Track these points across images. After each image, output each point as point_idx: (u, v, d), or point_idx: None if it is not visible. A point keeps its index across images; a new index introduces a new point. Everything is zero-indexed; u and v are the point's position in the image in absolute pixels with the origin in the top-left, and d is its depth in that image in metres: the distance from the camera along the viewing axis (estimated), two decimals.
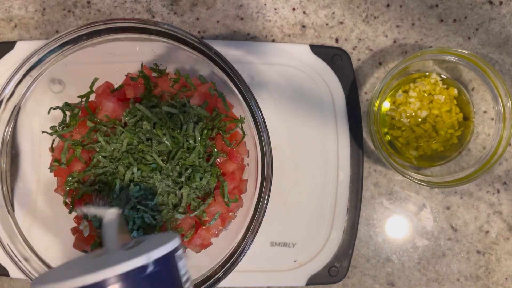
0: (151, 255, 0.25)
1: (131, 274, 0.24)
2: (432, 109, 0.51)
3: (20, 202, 0.43)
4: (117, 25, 0.40)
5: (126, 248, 0.29)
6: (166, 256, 0.26)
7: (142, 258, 0.25)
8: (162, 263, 0.26)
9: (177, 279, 0.27)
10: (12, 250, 0.40)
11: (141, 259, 0.25)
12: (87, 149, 0.43)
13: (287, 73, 0.51)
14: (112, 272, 0.24)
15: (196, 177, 0.42)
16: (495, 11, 0.53)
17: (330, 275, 0.51)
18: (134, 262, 0.24)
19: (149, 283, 0.25)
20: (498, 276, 0.54)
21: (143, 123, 0.42)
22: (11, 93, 0.41)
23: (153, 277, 0.25)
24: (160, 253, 0.26)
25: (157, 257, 0.25)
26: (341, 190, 0.51)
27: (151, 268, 0.25)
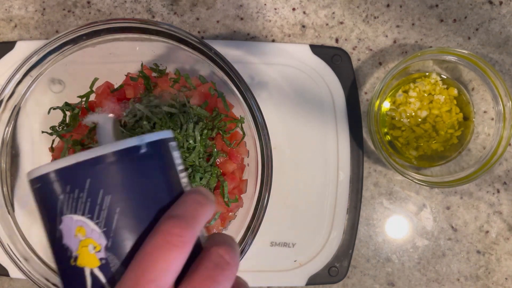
0: (144, 138, 0.25)
1: (124, 153, 0.24)
2: (432, 109, 0.51)
3: (20, 202, 0.43)
4: (117, 25, 0.40)
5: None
6: (159, 141, 0.26)
7: (134, 140, 0.25)
8: (155, 147, 0.26)
9: (172, 166, 0.26)
10: (12, 250, 0.40)
11: (134, 140, 0.25)
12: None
13: (287, 73, 0.51)
14: (105, 150, 0.24)
15: (196, 177, 0.42)
16: (495, 11, 0.53)
17: (330, 275, 0.51)
18: (126, 142, 0.25)
19: (143, 163, 0.25)
20: (498, 276, 0.54)
21: (143, 123, 0.42)
22: (11, 93, 0.41)
23: (146, 158, 0.25)
24: (153, 137, 0.26)
25: (150, 140, 0.25)
26: (341, 190, 0.51)
27: (144, 150, 0.25)
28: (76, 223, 0.24)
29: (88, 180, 0.24)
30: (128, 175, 0.24)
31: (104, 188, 0.24)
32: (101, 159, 0.24)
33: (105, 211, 0.24)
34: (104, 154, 0.24)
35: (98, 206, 0.24)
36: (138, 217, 0.24)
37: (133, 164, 0.25)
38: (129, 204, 0.24)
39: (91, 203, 0.24)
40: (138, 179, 0.25)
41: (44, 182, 0.25)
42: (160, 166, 0.26)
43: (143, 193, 0.25)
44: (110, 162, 0.24)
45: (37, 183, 0.26)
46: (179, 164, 0.27)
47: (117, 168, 0.24)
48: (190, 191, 0.26)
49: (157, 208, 0.25)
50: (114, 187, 0.24)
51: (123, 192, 0.24)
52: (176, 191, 0.26)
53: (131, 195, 0.24)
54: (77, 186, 0.24)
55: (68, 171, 0.24)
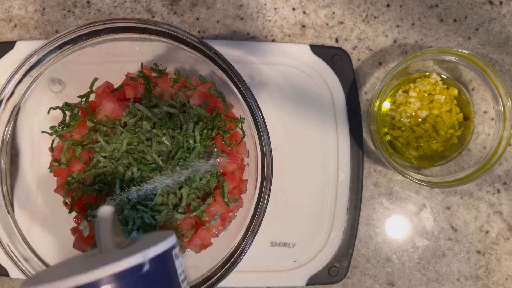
0: (147, 254, 0.24)
1: (127, 273, 0.23)
2: (432, 109, 0.51)
3: (20, 202, 0.43)
4: (117, 25, 0.40)
5: (121, 247, 0.29)
6: (163, 254, 0.25)
7: (137, 257, 0.24)
8: (159, 261, 0.25)
9: (174, 278, 0.26)
10: (12, 250, 0.40)
11: (137, 257, 0.24)
12: (87, 149, 0.43)
13: (287, 73, 0.51)
14: (107, 272, 0.23)
15: (196, 177, 0.42)
16: (495, 11, 0.53)
17: (330, 275, 0.51)
18: (129, 261, 0.24)
19: (145, 283, 0.24)
20: (498, 276, 0.54)
21: (143, 123, 0.42)
22: (11, 93, 0.41)
23: (149, 276, 0.24)
24: (156, 251, 0.25)
25: (153, 255, 0.25)
26: (341, 190, 0.51)
27: (147, 267, 0.24)
28: None
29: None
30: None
31: None
32: (102, 282, 0.23)
33: None
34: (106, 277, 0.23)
35: None
36: None
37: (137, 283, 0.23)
38: None
39: None
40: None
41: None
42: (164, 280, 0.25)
43: None
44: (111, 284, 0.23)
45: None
46: (181, 274, 0.26)
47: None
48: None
49: None
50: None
51: None
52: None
53: None
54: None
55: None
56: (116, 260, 0.23)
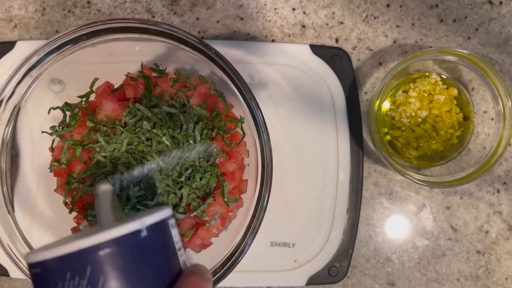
0: (145, 221, 0.26)
1: (125, 239, 0.25)
2: (432, 109, 0.51)
3: (20, 202, 0.43)
4: (117, 25, 0.40)
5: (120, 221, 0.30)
6: (160, 222, 0.27)
7: (135, 223, 0.25)
8: (156, 229, 0.26)
9: (171, 246, 0.27)
10: (12, 250, 0.40)
11: (135, 224, 0.25)
12: (87, 149, 0.43)
13: (287, 73, 0.51)
14: (106, 236, 0.24)
15: (196, 177, 0.42)
16: (495, 11, 0.53)
17: (330, 275, 0.51)
18: (127, 227, 0.25)
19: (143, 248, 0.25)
20: (498, 276, 0.54)
21: (143, 123, 0.42)
22: (11, 93, 0.41)
23: (147, 242, 0.25)
24: (153, 219, 0.26)
25: (151, 223, 0.26)
26: (341, 190, 0.51)
27: (145, 233, 0.25)
28: None
29: (88, 268, 0.24)
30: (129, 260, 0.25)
31: (104, 275, 0.24)
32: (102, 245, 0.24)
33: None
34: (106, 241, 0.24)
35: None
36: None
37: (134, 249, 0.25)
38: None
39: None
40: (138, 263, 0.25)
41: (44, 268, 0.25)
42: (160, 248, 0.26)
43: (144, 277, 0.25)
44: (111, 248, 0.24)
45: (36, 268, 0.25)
46: (177, 242, 0.28)
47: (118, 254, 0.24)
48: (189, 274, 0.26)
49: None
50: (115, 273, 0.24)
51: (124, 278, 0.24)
52: (175, 271, 0.27)
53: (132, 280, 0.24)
54: (78, 273, 0.24)
55: (69, 258, 0.24)
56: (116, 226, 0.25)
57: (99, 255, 0.24)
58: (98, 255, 0.24)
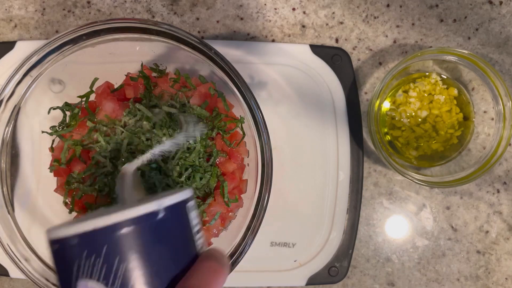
0: (162, 202, 0.26)
1: (142, 219, 0.25)
2: (432, 109, 0.51)
3: (20, 202, 0.43)
4: (117, 25, 0.40)
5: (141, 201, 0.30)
6: (177, 204, 0.26)
7: (153, 204, 0.25)
8: (173, 210, 0.26)
9: (188, 229, 0.27)
10: (12, 250, 0.40)
11: (152, 205, 0.25)
12: (87, 149, 0.43)
13: (287, 73, 0.51)
14: (123, 216, 0.24)
15: (196, 177, 0.42)
16: (495, 11, 0.53)
17: (330, 275, 0.51)
18: (144, 208, 0.25)
19: (160, 229, 0.25)
20: (498, 276, 0.54)
21: (143, 123, 0.42)
22: (11, 93, 0.41)
23: (163, 223, 0.25)
24: (171, 201, 0.26)
25: (168, 204, 0.26)
26: (341, 190, 0.51)
27: (162, 215, 0.25)
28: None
29: (105, 247, 0.24)
30: (145, 241, 0.25)
31: (120, 255, 0.24)
32: (119, 225, 0.24)
33: (120, 278, 0.24)
34: (123, 221, 0.24)
35: (113, 273, 0.24)
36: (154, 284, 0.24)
37: (151, 230, 0.25)
38: (145, 271, 0.24)
39: (107, 269, 0.24)
40: (155, 245, 0.25)
41: (63, 244, 0.25)
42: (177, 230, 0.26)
43: (159, 259, 0.25)
44: (128, 228, 0.24)
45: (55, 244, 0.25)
46: (195, 225, 0.27)
47: (135, 235, 0.24)
48: (205, 258, 0.26)
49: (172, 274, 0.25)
50: (131, 254, 0.24)
51: (139, 259, 0.24)
52: (191, 255, 0.26)
53: (147, 261, 0.24)
54: (94, 252, 0.24)
55: (87, 236, 0.24)
56: (132, 207, 0.25)
57: (115, 235, 0.24)
58: (114, 234, 0.24)
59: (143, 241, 0.25)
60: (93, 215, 0.25)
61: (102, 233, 0.24)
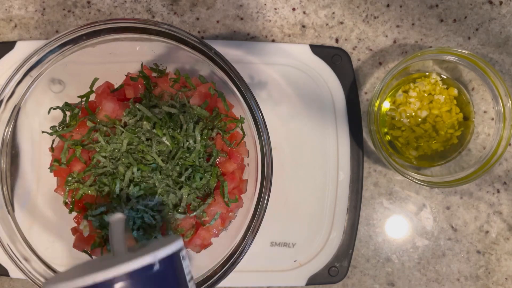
0: (157, 254, 0.26)
1: (139, 272, 0.25)
2: (432, 109, 0.51)
3: (20, 202, 0.43)
4: (117, 25, 0.40)
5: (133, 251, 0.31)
6: (171, 255, 0.27)
7: (148, 257, 0.26)
8: (168, 262, 0.27)
9: (181, 278, 0.28)
10: (12, 250, 0.40)
11: (148, 258, 0.26)
12: (87, 149, 0.43)
13: (287, 73, 0.51)
14: (121, 270, 0.25)
15: (196, 177, 0.42)
16: (495, 11, 0.53)
17: (330, 275, 0.51)
18: (141, 261, 0.26)
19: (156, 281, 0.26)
20: (498, 276, 0.54)
21: (143, 123, 0.42)
22: (11, 93, 0.41)
23: (159, 275, 0.26)
24: (165, 252, 0.27)
25: (163, 256, 0.27)
26: (341, 190, 0.51)
27: (157, 267, 0.26)
28: None
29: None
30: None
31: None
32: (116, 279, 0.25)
33: None
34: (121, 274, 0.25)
35: None
36: None
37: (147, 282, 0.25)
38: None
39: None
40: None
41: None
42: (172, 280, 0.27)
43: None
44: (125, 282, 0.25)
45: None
46: (188, 273, 0.28)
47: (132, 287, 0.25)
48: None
49: None
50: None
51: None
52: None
53: None
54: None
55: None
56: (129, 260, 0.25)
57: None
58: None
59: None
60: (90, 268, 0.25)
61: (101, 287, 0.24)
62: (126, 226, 0.32)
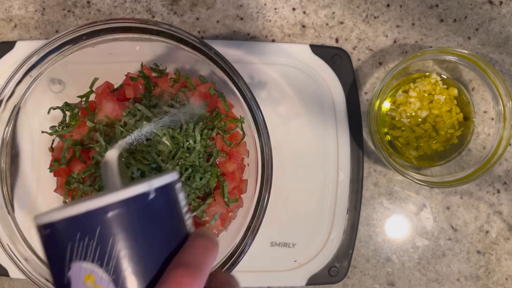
0: (153, 183, 0.26)
1: (134, 200, 0.25)
2: (432, 109, 0.51)
3: (20, 202, 0.43)
4: (117, 25, 0.40)
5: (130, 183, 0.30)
6: (167, 185, 0.27)
7: (144, 185, 0.25)
8: (163, 191, 0.26)
9: (178, 209, 0.27)
10: (12, 250, 0.40)
11: (143, 186, 0.25)
12: (87, 149, 0.43)
13: (287, 73, 0.51)
14: (116, 197, 0.24)
15: (196, 177, 0.42)
16: (495, 11, 0.53)
17: (330, 275, 0.51)
18: (136, 189, 0.25)
19: (151, 210, 0.25)
20: (498, 276, 0.54)
21: (143, 123, 0.42)
22: (11, 93, 0.41)
23: (154, 204, 0.26)
24: (161, 182, 0.26)
25: (159, 185, 0.26)
26: (341, 190, 0.51)
27: (153, 195, 0.26)
28: (85, 271, 0.24)
29: (98, 228, 0.24)
30: (137, 221, 0.25)
31: (114, 235, 0.24)
32: (112, 206, 0.24)
33: (114, 258, 0.24)
34: (116, 202, 0.24)
35: (107, 254, 0.24)
36: (147, 263, 0.24)
37: (142, 210, 0.25)
38: (138, 250, 0.24)
39: (101, 250, 0.24)
40: (146, 225, 0.25)
41: (54, 229, 0.25)
42: (168, 210, 0.27)
43: (152, 239, 0.25)
44: (121, 209, 0.24)
45: (46, 230, 0.25)
46: (184, 206, 0.28)
47: (127, 215, 0.25)
48: (196, 236, 0.27)
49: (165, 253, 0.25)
50: (124, 234, 0.24)
51: (132, 239, 0.24)
52: (182, 234, 0.27)
53: (140, 241, 0.25)
54: (87, 234, 0.24)
55: (79, 219, 0.24)
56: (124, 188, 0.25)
57: (108, 216, 0.24)
58: (107, 216, 0.24)
59: (135, 221, 0.25)
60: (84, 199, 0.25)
61: (95, 215, 0.24)
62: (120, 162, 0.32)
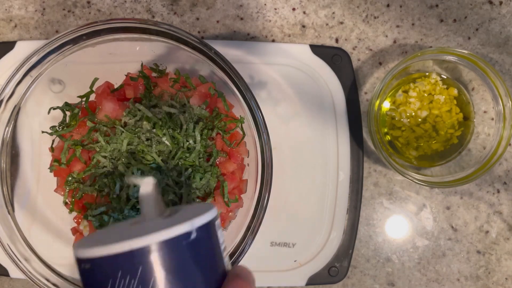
0: (194, 223, 0.26)
1: (176, 240, 0.25)
2: (432, 109, 0.51)
3: (20, 202, 0.43)
4: (117, 25, 0.40)
5: (164, 216, 0.30)
6: (208, 224, 0.27)
7: (186, 225, 0.25)
8: (204, 230, 0.26)
9: (217, 247, 0.27)
10: (12, 250, 0.40)
11: (185, 225, 0.25)
12: (87, 149, 0.43)
13: (287, 73, 0.51)
14: (158, 237, 0.24)
15: (196, 177, 0.42)
16: (495, 11, 0.53)
17: (330, 275, 0.51)
18: (179, 229, 0.25)
19: (192, 250, 0.25)
20: (498, 276, 0.54)
21: (143, 123, 0.42)
22: (11, 93, 0.41)
23: (196, 243, 0.25)
24: (202, 220, 0.26)
25: (200, 224, 0.26)
26: (341, 190, 0.51)
27: (194, 235, 0.25)
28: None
29: (140, 267, 0.24)
30: (179, 261, 0.25)
31: (155, 275, 0.24)
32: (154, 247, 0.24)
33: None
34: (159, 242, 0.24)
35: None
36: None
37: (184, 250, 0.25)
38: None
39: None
40: (188, 265, 0.25)
41: (95, 264, 0.25)
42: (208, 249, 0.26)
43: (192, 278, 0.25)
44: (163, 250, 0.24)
45: (86, 264, 0.25)
46: (222, 243, 0.28)
47: (169, 255, 0.24)
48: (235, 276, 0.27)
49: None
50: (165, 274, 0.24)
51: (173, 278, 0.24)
52: (221, 272, 0.27)
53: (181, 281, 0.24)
54: (129, 273, 0.24)
55: (121, 257, 0.24)
56: (166, 227, 0.25)
57: (150, 256, 0.24)
58: (149, 255, 0.24)
59: (177, 261, 0.24)
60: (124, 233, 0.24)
61: (138, 255, 0.24)
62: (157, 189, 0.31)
